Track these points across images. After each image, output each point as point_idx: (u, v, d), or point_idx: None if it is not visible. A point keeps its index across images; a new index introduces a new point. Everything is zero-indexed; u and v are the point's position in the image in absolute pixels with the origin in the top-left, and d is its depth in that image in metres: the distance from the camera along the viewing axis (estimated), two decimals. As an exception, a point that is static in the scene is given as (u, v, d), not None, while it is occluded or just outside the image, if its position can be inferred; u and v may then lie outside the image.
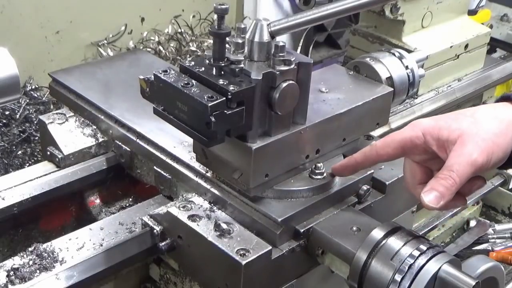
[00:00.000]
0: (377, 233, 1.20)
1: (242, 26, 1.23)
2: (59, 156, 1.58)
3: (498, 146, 1.15)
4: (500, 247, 2.41)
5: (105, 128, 1.62)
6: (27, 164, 2.08)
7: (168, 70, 1.22)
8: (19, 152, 2.10)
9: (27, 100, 2.18)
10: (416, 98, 2.06)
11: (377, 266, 1.16)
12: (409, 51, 1.72)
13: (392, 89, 1.53)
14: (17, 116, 2.13)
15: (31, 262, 1.25)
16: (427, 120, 1.22)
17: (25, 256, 1.27)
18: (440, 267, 1.13)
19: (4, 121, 2.12)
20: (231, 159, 1.28)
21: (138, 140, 1.53)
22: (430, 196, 1.12)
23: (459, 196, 1.17)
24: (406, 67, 1.62)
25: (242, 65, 1.19)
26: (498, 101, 1.26)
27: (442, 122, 1.20)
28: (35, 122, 2.12)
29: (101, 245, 1.34)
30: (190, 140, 1.37)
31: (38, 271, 1.24)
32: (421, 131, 1.20)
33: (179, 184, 1.44)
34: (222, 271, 1.23)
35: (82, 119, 1.66)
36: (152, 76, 1.22)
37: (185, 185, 1.42)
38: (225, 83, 1.16)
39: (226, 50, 1.20)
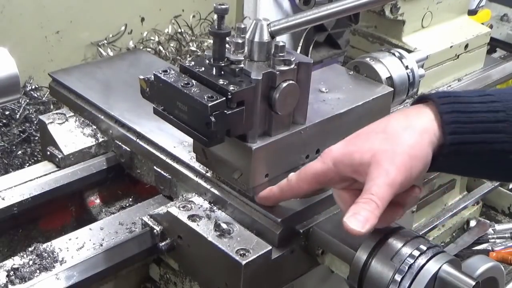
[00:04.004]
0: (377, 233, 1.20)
1: (242, 26, 1.23)
2: (59, 156, 1.58)
3: (415, 158, 1.09)
4: (500, 247, 2.40)
5: (105, 128, 1.62)
6: (27, 164, 2.08)
7: (168, 70, 1.22)
8: (19, 152, 2.10)
9: (27, 100, 2.18)
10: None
11: (377, 266, 1.16)
12: (409, 51, 1.72)
13: (392, 89, 1.53)
14: (17, 116, 2.13)
15: (31, 262, 1.25)
16: (337, 147, 1.16)
17: (25, 256, 1.27)
18: (440, 267, 1.13)
19: (4, 121, 2.12)
20: (231, 159, 1.28)
21: (138, 140, 1.53)
22: (354, 221, 1.05)
23: (396, 207, 1.13)
24: (406, 67, 1.61)
25: (242, 65, 1.19)
26: (415, 102, 1.20)
27: (352, 146, 1.14)
28: (35, 122, 2.12)
29: (101, 245, 1.34)
30: (190, 140, 1.37)
31: (38, 271, 1.24)
32: (332, 162, 1.14)
33: (179, 184, 1.44)
34: (222, 271, 1.23)
35: (82, 119, 1.66)
36: (152, 76, 1.23)
37: (185, 185, 1.42)
38: (225, 83, 1.16)
39: (226, 50, 1.20)
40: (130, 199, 1.66)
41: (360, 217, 1.05)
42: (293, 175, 1.22)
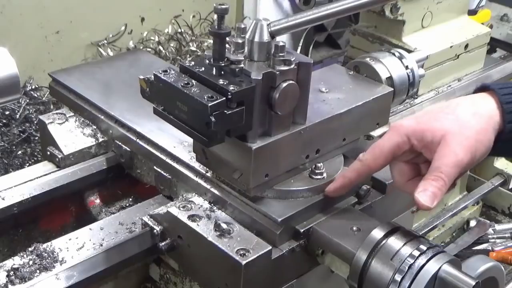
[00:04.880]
0: (377, 233, 1.20)
1: (242, 26, 1.23)
2: (59, 156, 1.58)
3: (480, 143, 1.18)
4: (500, 247, 2.41)
5: (105, 128, 1.62)
6: (27, 164, 2.08)
7: (168, 70, 1.22)
8: (19, 152, 2.10)
9: (27, 100, 2.18)
10: (416, 98, 2.06)
11: (377, 266, 1.17)
12: (409, 51, 1.72)
13: (392, 89, 1.53)
14: (17, 116, 2.13)
15: (31, 262, 1.25)
16: (408, 121, 1.23)
17: (25, 256, 1.27)
18: (440, 267, 1.13)
19: (4, 121, 2.12)
20: (231, 159, 1.28)
21: (138, 140, 1.53)
22: (424, 196, 1.14)
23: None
24: (406, 67, 1.61)
25: (242, 65, 1.19)
26: (477, 91, 1.28)
27: (424, 124, 1.21)
28: (35, 122, 2.12)
29: (101, 245, 1.34)
30: (190, 140, 1.37)
31: (38, 271, 1.24)
32: (406, 135, 1.21)
33: (179, 184, 1.43)
34: (222, 271, 1.23)
35: (82, 119, 1.66)
36: (152, 76, 1.22)
37: (185, 185, 1.42)
38: (225, 83, 1.16)
39: (226, 50, 1.20)
40: (130, 199, 1.66)
41: (429, 193, 1.14)
42: (365, 154, 1.26)
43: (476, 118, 1.20)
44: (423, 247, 1.16)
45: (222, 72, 1.19)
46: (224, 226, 1.24)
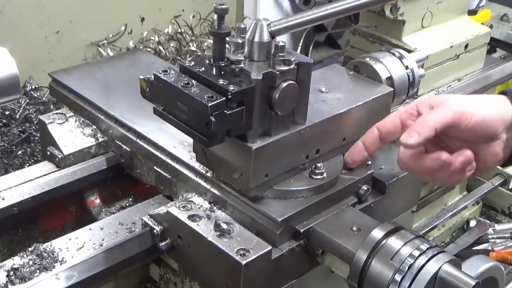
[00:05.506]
0: (377, 233, 1.20)
1: (242, 26, 1.23)
2: (59, 156, 1.58)
3: (482, 106, 1.27)
4: (500, 247, 2.40)
5: (105, 128, 1.62)
6: (27, 164, 2.08)
7: (168, 70, 1.22)
8: (19, 152, 2.10)
9: (27, 100, 2.18)
10: (416, 98, 2.05)
11: (377, 266, 1.17)
12: (409, 51, 1.72)
13: (392, 89, 1.54)
14: (17, 116, 2.13)
15: (31, 262, 1.25)
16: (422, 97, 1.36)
17: (25, 256, 1.27)
18: (440, 267, 1.13)
19: (4, 121, 2.12)
20: (231, 159, 1.28)
21: (138, 140, 1.53)
22: (405, 136, 1.24)
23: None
24: (406, 67, 1.62)
25: (242, 65, 1.19)
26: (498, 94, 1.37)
27: (434, 97, 1.34)
28: (35, 122, 2.12)
29: (101, 245, 1.34)
30: (190, 140, 1.37)
31: (38, 271, 1.24)
32: (415, 103, 1.33)
33: (179, 184, 1.44)
34: (222, 271, 1.23)
35: (82, 119, 1.66)
36: (152, 76, 1.23)
37: (185, 185, 1.42)
38: (225, 83, 1.16)
39: (226, 50, 1.20)
40: (130, 199, 1.66)
41: (411, 131, 1.24)
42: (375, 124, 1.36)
43: (485, 105, 1.29)
44: (423, 247, 1.16)
45: (222, 72, 1.19)
46: (224, 226, 1.24)
